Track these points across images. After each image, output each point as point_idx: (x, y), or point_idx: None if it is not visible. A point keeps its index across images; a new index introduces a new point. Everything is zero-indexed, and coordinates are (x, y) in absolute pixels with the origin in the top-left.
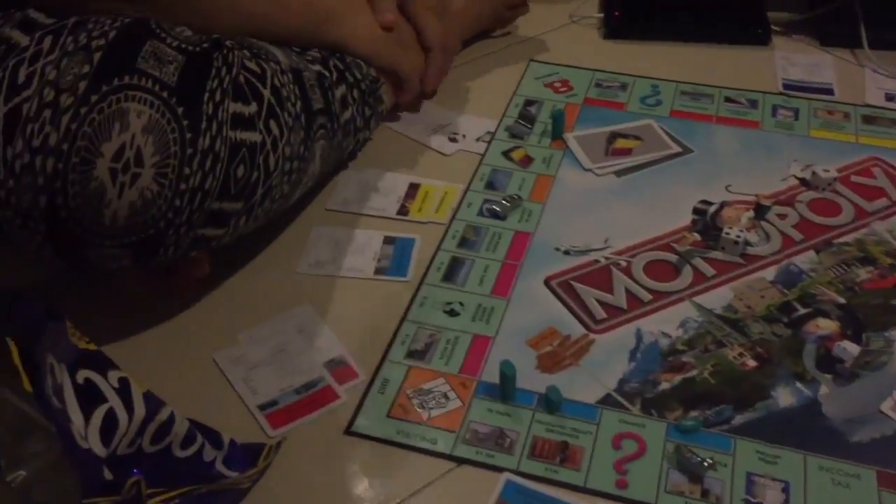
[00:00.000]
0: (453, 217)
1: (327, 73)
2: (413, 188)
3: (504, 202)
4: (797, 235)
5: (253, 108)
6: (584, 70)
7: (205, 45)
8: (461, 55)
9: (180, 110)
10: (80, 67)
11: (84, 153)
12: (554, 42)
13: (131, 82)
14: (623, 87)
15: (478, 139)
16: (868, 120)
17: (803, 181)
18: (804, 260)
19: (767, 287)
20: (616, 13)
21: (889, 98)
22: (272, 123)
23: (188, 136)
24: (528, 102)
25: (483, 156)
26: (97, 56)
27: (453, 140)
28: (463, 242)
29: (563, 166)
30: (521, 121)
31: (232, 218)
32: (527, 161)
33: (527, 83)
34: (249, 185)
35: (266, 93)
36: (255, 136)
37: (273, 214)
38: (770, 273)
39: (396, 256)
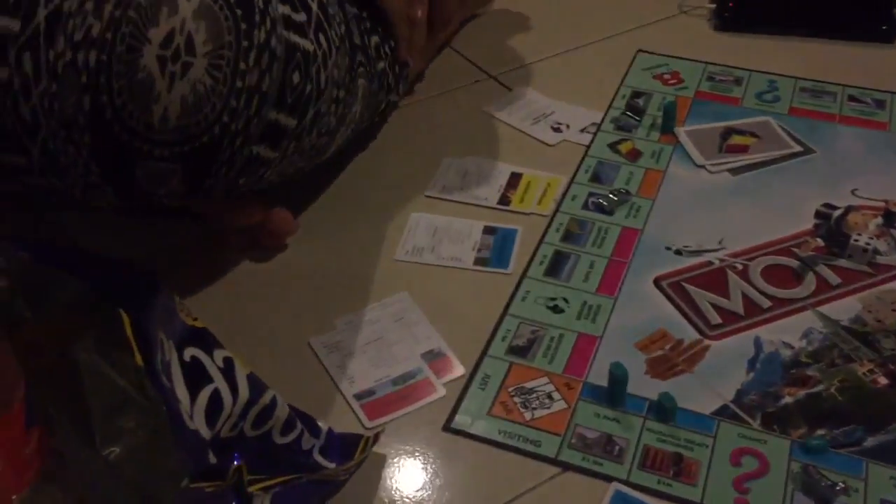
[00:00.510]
0: (557, 209)
1: (364, 17)
2: (515, 178)
3: (611, 196)
4: None
5: (302, 16)
6: (695, 62)
7: None
8: (564, 44)
9: None
10: None
11: (129, 40)
12: (662, 33)
13: None
14: (737, 81)
15: (582, 130)
16: None
17: None
18: None
19: None
20: (730, 3)
21: None
22: (321, 37)
23: (243, 26)
24: (636, 94)
25: (588, 147)
26: None
27: (557, 130)
28: (567, 236)
29: (673, 161)
30: (628, 113)
31: (285, 138)
32: (635, 154)
33: (634, 74)
34: (303, 99)
35: (314, 6)
36: (307, 44)
37: (315, 154)
38: None
39: (497, 247)
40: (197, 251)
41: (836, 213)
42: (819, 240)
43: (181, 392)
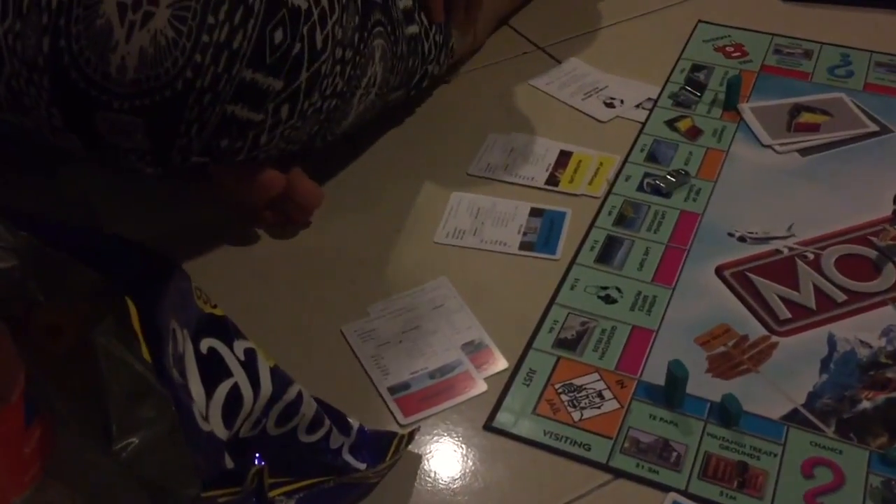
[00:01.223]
0: (610, 191)
1: None
2: (564, 156)
3: (669, 177)
4: None
5: None
6: (760, 34)
7: None
8: (618, 14)
9: None
10: None
11: None
12: (725, 2)
13: None
14: (807, 54)
15: (637, 105)
16: None
17: None
18: None
19: None
20: None
21: None
22: None
23: None
24: (696, 67)
25: (644, 124)
26: None
27: (609, 105)
28: (620, 220)
29: (736, 141)
30: (688, 87)
31: (269, 100)
32: (694, 133)
33: (694, 46)
34: (291, 60)
35: None
36: (299, 1)
37: (328, 121)
38: None
39: (545, 231)
40: (224, 229)
41: None
42: None
43: (196, 388)
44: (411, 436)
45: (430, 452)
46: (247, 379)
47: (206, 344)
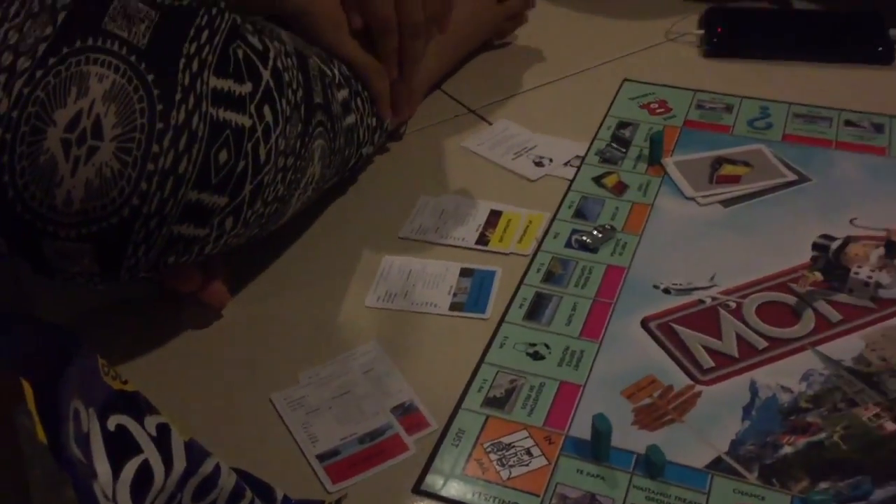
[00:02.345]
0: (538, 248)
1: (329, 73)
2: (494, 216)
3: (595, 233)
4: None
5: (247, 87)
6: (683, 90)
7: (185, 0)
8: (547, 75)
9: (150, 77)
10: (42, 29)
11: (34, 121)
12: (650, 60)
13: (95, 44)
14: (728, 108)
15: (566, 163)
16: None
17: None
18: None
19: None
20: (718, 29)
21: None
22: (266, 109)
23: (159, 107)
24: (622, 124)
25: (572, 182)
26: (61, 16)
27: (539, 164)
28: (549, 277)
29: (661, 194)
30: (614, 144)
31: (214, 216)
32: (621, 188)
33: (620, 104)
34: (235, 177)
35: (266, 74)
36: (243, 119)
37: (268, 223)
38: None
39: (475, 290)
40: (152, 302)
41: (835, 244)
42: (817, 274)
43: (101, 467)
44: (339, 503)
45: None
46: (158, 455)
47: (114, 421)
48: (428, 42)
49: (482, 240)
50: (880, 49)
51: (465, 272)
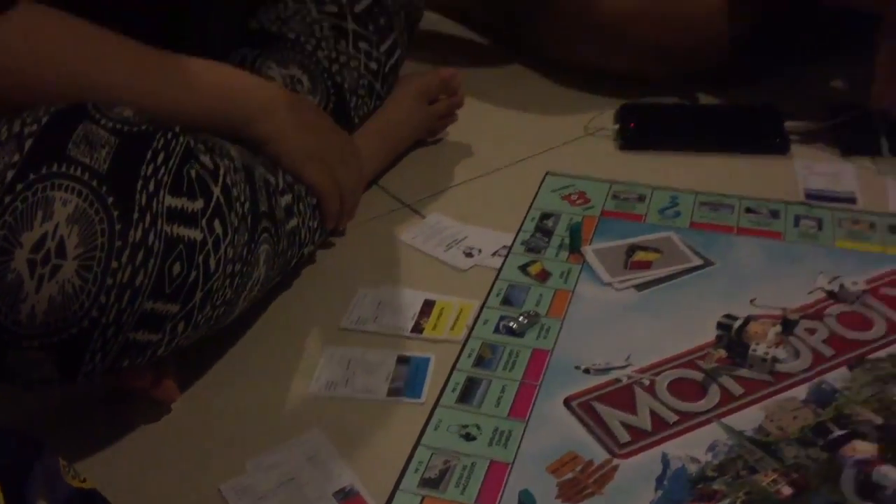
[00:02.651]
0: (469, 335)
1: (273, 180)
2: (428, 305)
3: (521, 319)
4: (828, 351)
5: (199, 204)
6: (600, 182)
7: (143, 126)
8: (476, 169)
9: (110, 199)
10: (10, 157)
11: (2, 242)
12: (570, 154)
13: (59, 170)
14: (641, 198)
15: (494, 254)
16: (895, 229)
17: (831, 294)
18: (837, 377)
19: (800, 407)
20: (631, 124)
21: None
22: (216, 222)
23: (117, 227)
24: (545, 216)
25: (499, 271)
26: (28, 143)
27: (469, 255)
28: (479, 361)
29: (581, 281)
30: (538, 234)
31: (167, 322)
32: (544, 275)
33: (543, 196)
34: (187, 286)
35: (216, 190)
36: (195, 234)
37: (217, 323)
38: (802, 392)
39: (411, 377)
40: (104, 402)
41: (737, 323)
42: (721, 351)
43: None
44: None
45: None
46: None
47: None
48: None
49: (417, 328)
50: (777, 140)
51: (401, 359)
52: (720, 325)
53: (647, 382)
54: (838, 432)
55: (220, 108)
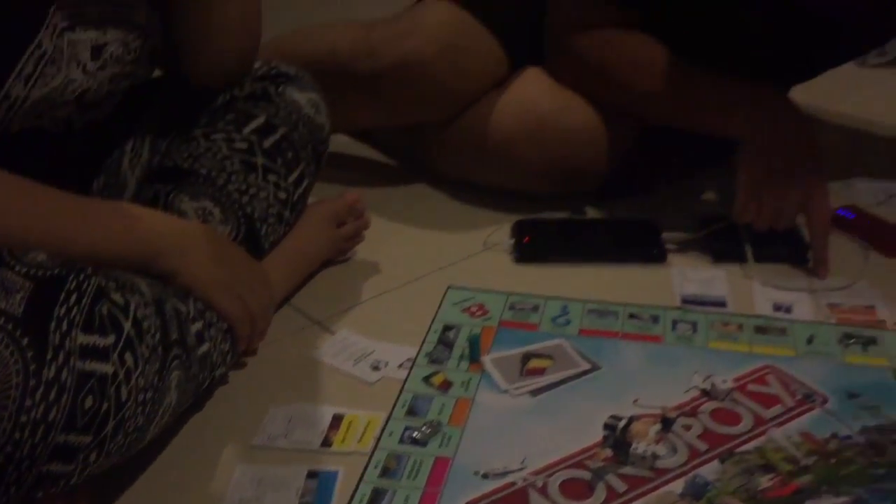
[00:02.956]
0: (375, 446)
1: (184, 308)
2: (337, 419)
3: (424, 429)
4: (702, 446)
5: (110, 339)
6: (498, 294)
7: (56, 270)
8: (383, 286)
9: (25, 341)
10: None
11: None
12: (470, 268)
13: None
14: (535, 308)
15: (400, 366)
16: (760, 330)
17: (704, 392)
18: (710, 470)
19: (677, 501)
20: (525, 238)
21: (777, 308)
22: (127, 355)
23: (32, 366)
24: (447, 328)
25: (405, 382)
26: None
27: (376, 368)
28: (385, 472)
29: (481, 389)
30: (440, 346)
31: (80, 452)
32: (446, 385)
33: (445, 309)
34: (99, 417)
35: (127, 325)
36: (106, 368)
37: (128, 450)
38: (679, 486)
39: (320, 492)
40: None
41: (621, 423)
42: (608, 450)
43: None
44: None
45: None
46: None
47: None
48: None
49: (327, 442)
50: (655, 251)
51: (311, 474)
52: (606, 426)
53: (540, 484)
54: None
55: (132, 247)
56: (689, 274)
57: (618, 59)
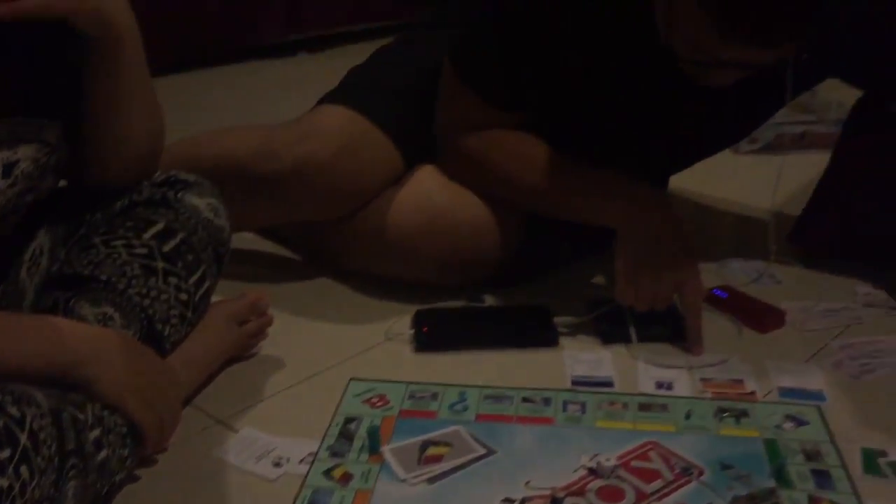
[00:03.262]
0: None
1: (81, 416)
2: None
3: None
4: None
5: (6, 453)
6: (399, 384)
7: None
8: (285, 381)
9: None
10: None
11: None
12: (372, 360)
13: None
14: (434, 396)
15: (301, 461)
16: (643, 407)
17: (591, 470)
18: None
19: None
20: (424, 328)
21: (659, 385)
22: (23, 468)
23: None
24: (349, 420)
25: (306, 477)
26: None
27: (277, 465)
28: None
29: (380, 479)
30: (341, 439)
31: None
32: (347, 478)
33: (347, 402)
34: None
35: (23, 438)
36: (2, 482)
37: None
38: None
39: None
40: None
41: None
42: None
43: None
44: None
45: None
46: None
47: None
48: None
49: None
50: (548, 336)
51: None
52: None
53: None
54: None
55: (56, 359)
56: (580, 356)
57: (503, 158)
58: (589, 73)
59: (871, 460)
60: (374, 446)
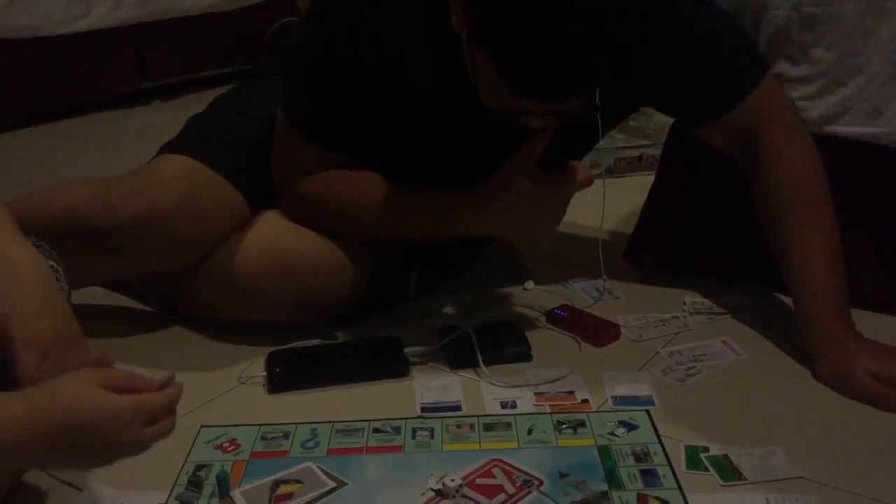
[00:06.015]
0: None
1: None
2: None
3: None
4: None
5: None
6: (251, 426)
7: None
8: None
9: None
10: None
11: None
12: (225, 405)
13: None
14: (286, 435)
15: None
16: (488, 427)
17: (437, 492)
18: None
19: None
20: (277, 369)
21: (503, 405)
22: None
23: None
24: (199, 467)
25: None
26: None
27: None
28: None
29: None
30: (190, 487)
31: None
32: None
33: (197, 449)
34: None
35: None
36: None
37: None
38: None
39: None
40: None
41: None
42: None
43: None
44: None
45: None
46: None
47: None
48: None
49: None
50: (398, 366)
51: None
52: None
53: None
54: None
55: None
56: (429, 383)
57: (337, 195)
58: (405, 108)
59: (693, 456)
60: (223, 491)
